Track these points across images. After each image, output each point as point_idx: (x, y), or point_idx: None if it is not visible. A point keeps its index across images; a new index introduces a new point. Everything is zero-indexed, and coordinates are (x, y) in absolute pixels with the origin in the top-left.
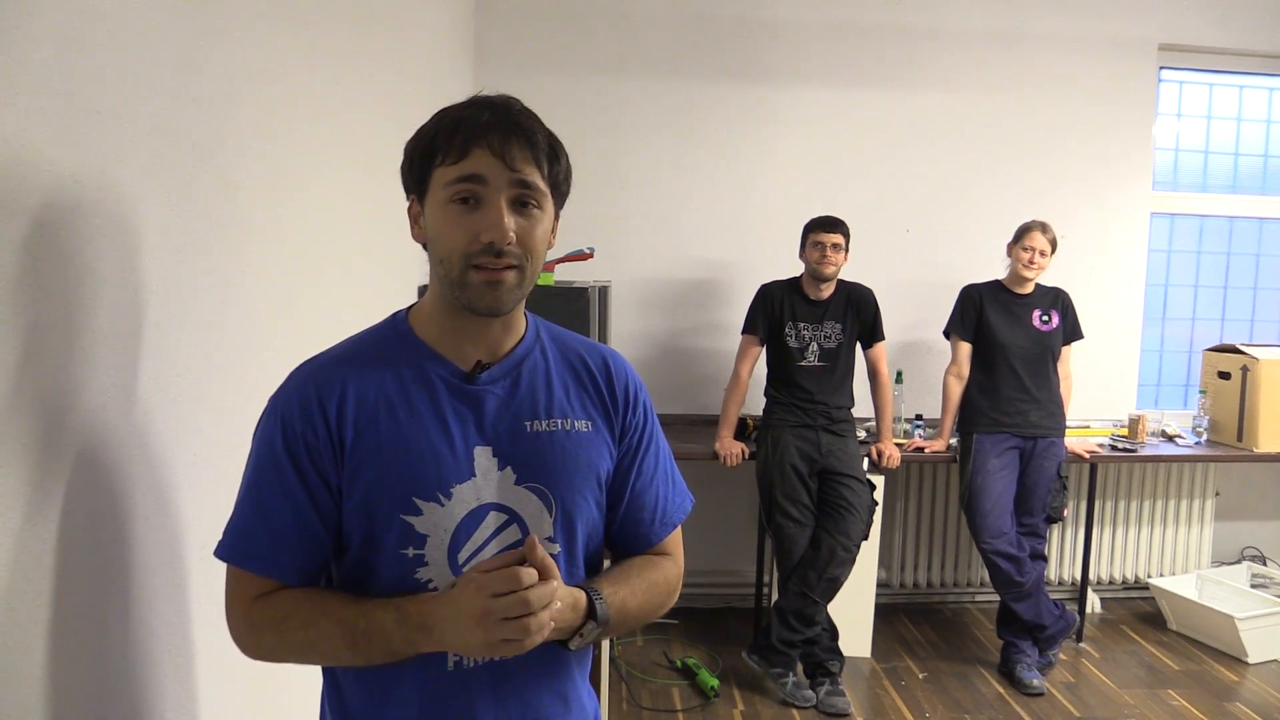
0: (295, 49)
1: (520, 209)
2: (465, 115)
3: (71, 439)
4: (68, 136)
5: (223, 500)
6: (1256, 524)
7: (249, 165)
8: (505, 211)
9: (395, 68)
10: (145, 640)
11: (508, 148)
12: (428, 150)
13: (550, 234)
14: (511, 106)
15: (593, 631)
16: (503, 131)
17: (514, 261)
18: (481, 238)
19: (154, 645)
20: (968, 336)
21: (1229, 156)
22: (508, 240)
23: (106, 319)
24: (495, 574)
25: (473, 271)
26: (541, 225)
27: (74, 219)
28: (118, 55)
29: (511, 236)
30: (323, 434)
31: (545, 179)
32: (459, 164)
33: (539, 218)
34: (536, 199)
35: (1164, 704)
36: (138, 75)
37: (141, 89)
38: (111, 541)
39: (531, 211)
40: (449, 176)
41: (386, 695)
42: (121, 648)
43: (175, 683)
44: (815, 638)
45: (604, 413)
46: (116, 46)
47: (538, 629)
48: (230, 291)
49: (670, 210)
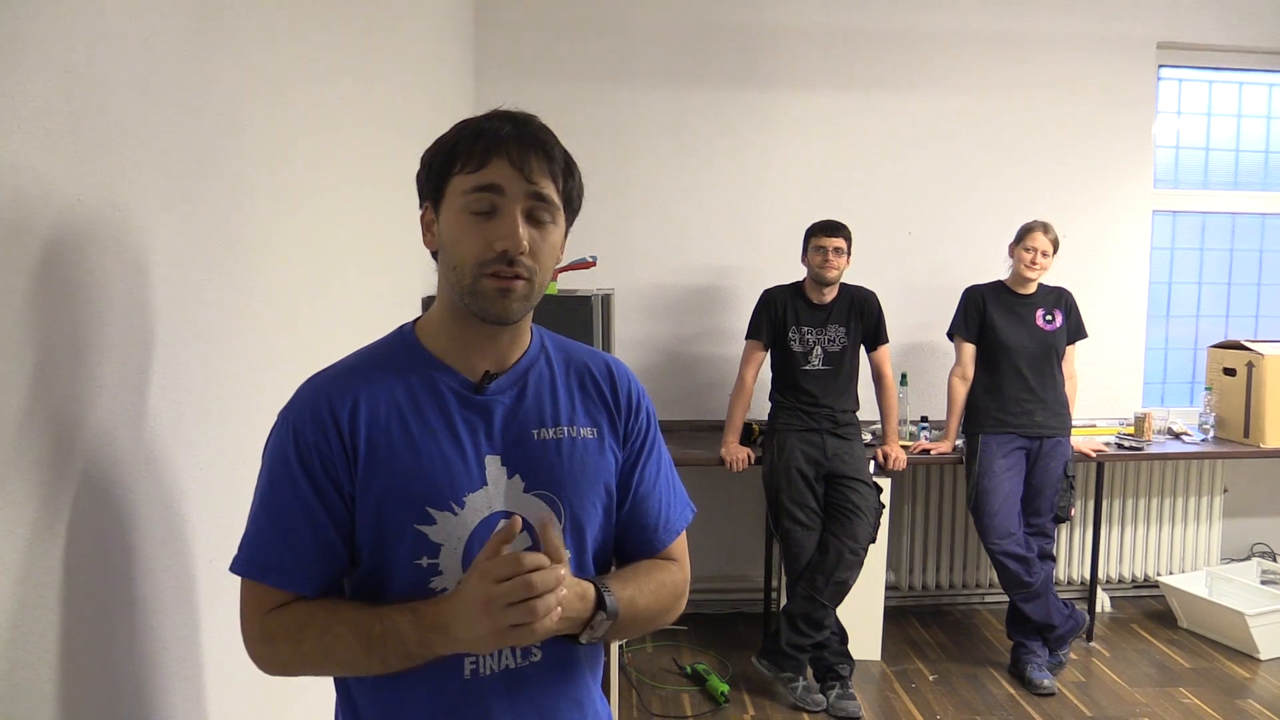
0: (299, 62)
1: (534, 221)
2: (486, 126)
3: (80, 456)
4: (73, 158)
5: (230, 514)
6: (1265, 520)
7: (257, 180)
8: (520, 221)
9: (395, 79)
10: (154, 653)
11: (526, 160)
12: (447, 158)
13: (559, 249)
14: (531, 121)
15: (603, 624)
16: (522, 144)
17: (525, 272)
18: (495, 245)
19: (163, 658)
20: (971, 338)
21: (1230, 153)
22: (521, 249)
23: (114, 337)
24: (497, 560)
25: (485, 279)
26: (552, 238)
27: (81, 240)
28: (121, 75)
29: (525, 246)
30: (336, 444)
31: (560, 193)
32: (478, 173)
33: (551, 230)
34: (550, 212)
35: (1176, 702)
36: (142, 94)
37: (146, 107)
38: (119, 555)
39: (545, 224)
40: (467, 185)
41: (402, 704)
42: (130, 660)
43: (184, 695)
44: (824, 641)
45: (609, 419)
46: (119, 66)
47: (545, 611)
48: (238, 306)
49: (672, 217)
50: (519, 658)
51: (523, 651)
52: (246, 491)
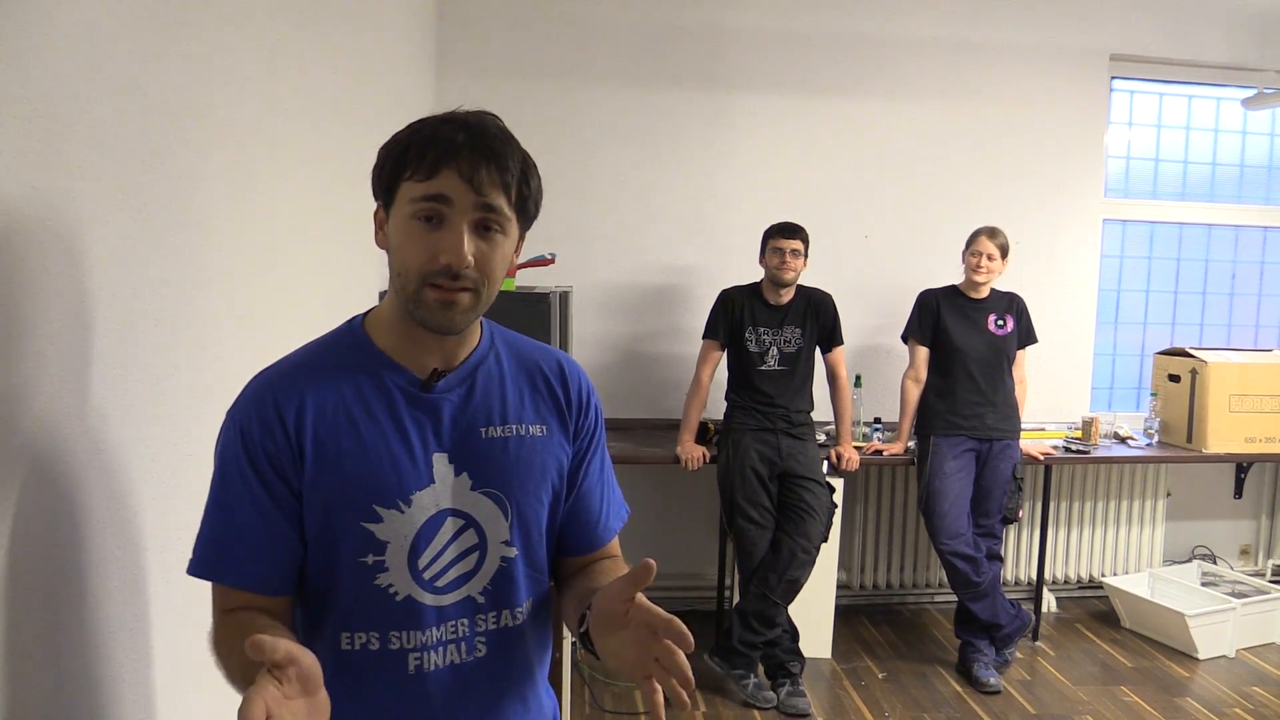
0: (254, 49)
1: (482, 232)
2: (439, 133)
3: (23, 443)
4: (23, 146)
5: (180, 503)
6: (1206, 524)
7: (209, 170)
8: (466, 235)
9: (354, 71)
10: (103, 642)
11: (477, 172)
12: (399, 161)
13: (513, 254)
14: (487, 129)
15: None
16: (474, 155)
17: (469, 285)
18: (440, 259)
19: (113, 646)
20: (925, 341)
21: (1178, 165)
22: (465, 265)
23: (58, 325)
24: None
25: (428, 289)
26: (501, 250)
27: (22, 230)
28: (75, 59)
29: (469, 261)
30: (281, 442)
31: (511, 204)
32: (426, 182)
33: (500, 242)
34: (500, 223)
35: (1117, 700)
36: (90, 80)
37: (95, 94)
38: (68, 545)
39: (494, 236)
40: (415, 193)
41: (348, 698)
42: (79, 648)
43: (134, 682)
44: (776, 639)
45: (559, 417)
46: (68, 51)
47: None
48: (189, 296)
49: (631, 216)
50: (464, 653)
51: (467, 647)
52: (196, 480)
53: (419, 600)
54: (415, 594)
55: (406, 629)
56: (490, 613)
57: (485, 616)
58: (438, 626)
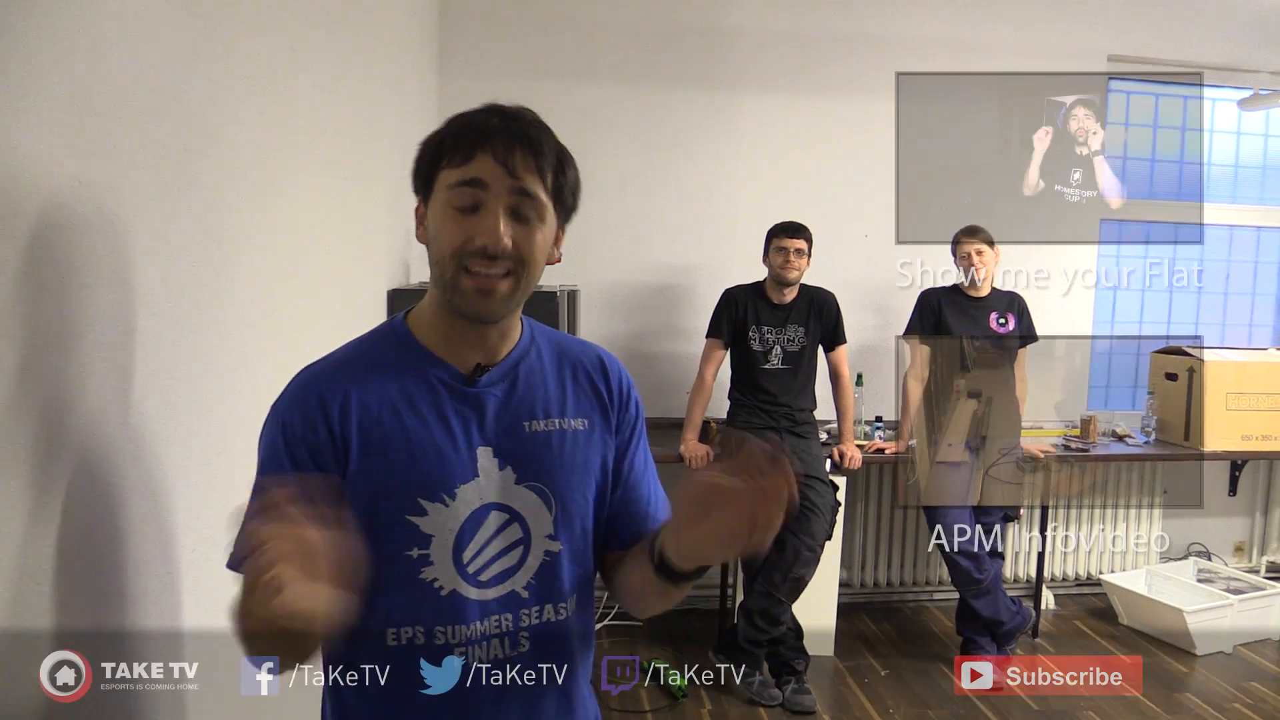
0: (282, 52)
1: (519, 218)
2: (474, 120)
3: (71, 443)
4: (72, 143)
5: (213, 501)
6: (1202, 521)
7: (240, 170)
8: (502, 218)
9: (360, 72)
10: (138, 649)
11: (511, 155)
12: (435, 152)
13: (554, 245)
14: (523, 116)
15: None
16: (508, 138)
17: (507, 268)
18: (476, 240)
19: (146, 652)
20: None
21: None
22: (501, 246)
23: (102, 325)
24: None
25: (465, 276)
26: (539, 234)
27: (71, 226)
28: (118, 58)
29: (506, 242)
30: (324, 436)
31: (548, 190)
32: (462, 167)
33: (538, 228)
34: (536, 209)
35: (1119, 696)
36: (135, 79)
37: (137, 92)
38: (108, 543)
39: (530, 221)
40: (452, 179)
41: (393, 694)
42: (117, 655)
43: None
44: (781, 637)
45: (601, 411)
46: (118, 49)
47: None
48: (221, 295)
49: (634, 216)
50: (507, 648)
51: (511, 641)
52: (228, 479)
53: (463, 594)
54: (460, 588)
55: (451, 623)
56: (534, 607)
57: (529, 611)
58: (481, 621)
